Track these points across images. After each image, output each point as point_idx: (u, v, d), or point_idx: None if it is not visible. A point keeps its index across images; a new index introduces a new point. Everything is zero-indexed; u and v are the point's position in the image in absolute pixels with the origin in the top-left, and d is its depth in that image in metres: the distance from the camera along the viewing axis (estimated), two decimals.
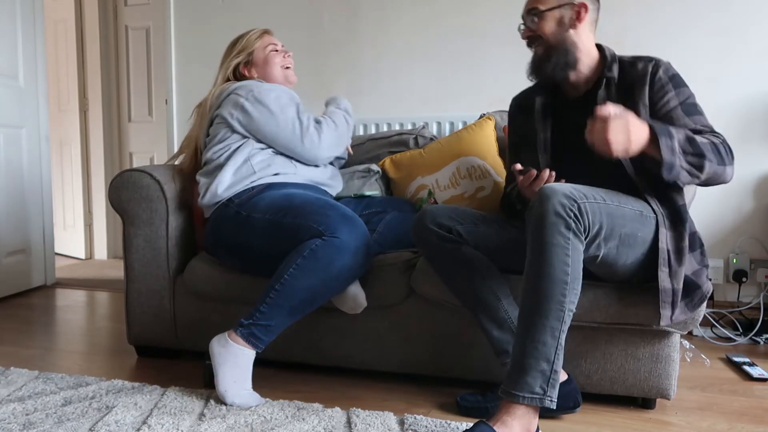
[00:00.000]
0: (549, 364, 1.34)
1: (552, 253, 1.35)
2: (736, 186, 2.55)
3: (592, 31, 1.65)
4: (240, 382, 1.66)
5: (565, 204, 1.35)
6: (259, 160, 1.93)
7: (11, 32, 3.09)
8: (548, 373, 1.34)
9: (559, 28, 1.60)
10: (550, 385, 1.34)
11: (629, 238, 1.47)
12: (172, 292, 2.05)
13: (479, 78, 2.89)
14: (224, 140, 1.96)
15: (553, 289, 1.35)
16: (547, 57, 1.62)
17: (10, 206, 3.08)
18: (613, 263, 1.51)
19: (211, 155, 1.97)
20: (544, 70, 1.63)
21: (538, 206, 1.38)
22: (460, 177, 2.19)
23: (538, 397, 1.33)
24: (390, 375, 1.91)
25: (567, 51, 1.60)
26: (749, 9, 2.54)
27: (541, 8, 1.61)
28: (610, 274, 1.59)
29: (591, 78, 1.65)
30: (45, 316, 2.72)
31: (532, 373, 1.33)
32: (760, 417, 1.67)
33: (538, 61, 1.64)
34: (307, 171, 1.99)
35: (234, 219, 1.85)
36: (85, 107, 4.19)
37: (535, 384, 1.33)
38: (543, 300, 1.35)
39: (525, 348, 1.35)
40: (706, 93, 2.60)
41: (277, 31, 3.23)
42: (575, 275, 1.37)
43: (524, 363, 1.34)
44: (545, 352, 1.34)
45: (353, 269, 1.70)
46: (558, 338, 1.35)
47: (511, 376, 1.36)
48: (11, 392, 1.75)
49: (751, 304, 2.52)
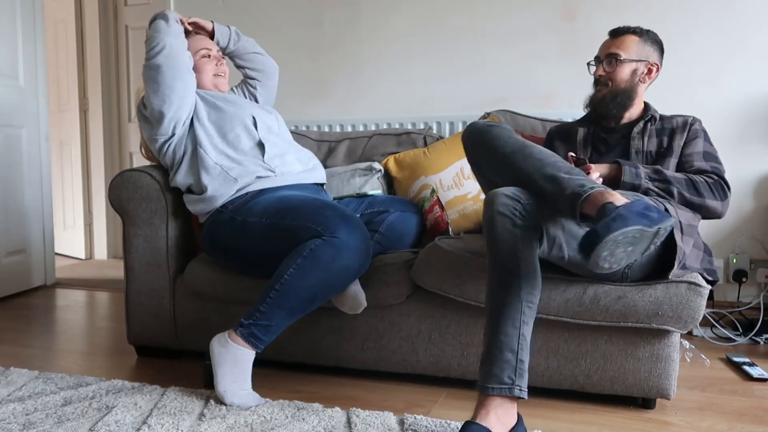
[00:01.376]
0: (513, 354, 1.38)
1: (501, 249, 1.42)
2: (736, 186, 2.55)
3: (647, 87, 1.92)
4: (240, 382, 1.66)
5: (508, 204, 1.44)
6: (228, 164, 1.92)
7: (11, 32, 3.09)
8: (514, 362, 1.38)
9: (631, 78, 1.86)
10: (518, 375, 1.38)
11: None
12: (172, 292, 2.05)
13: (479, 78, 2.89)
14: (180, 164, 1.97)
15: (509, 281, 1.41)
16: (613, 98, 1.87)
17: (10, 206, 3.08)
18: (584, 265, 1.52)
19: (181, 184, 1.98)
20: (605, 108, 1.88)
21: (486, 209, 1.47)
22: (464, 177, 2.19)
23: (507, 387, 1.37)
24: (390, 375, 1.91)
25: (629, 97, 1.87)
26: (750, 10, 2.54)
27: (622, 56, 1.85)
28: (592, 274, 1.61)
29: (631, 118, 1.92)
30: (45, 316, 2.72)
31: (498, 363, 1.37)
32: (760, 417, 1.67)
33: (603, 98, 1.88)
34: (280, 164, 1.96)
35: (229, 224, 1.84)
36: (85, 107, 4.19)
37: (502, 374, 1.37)
38: (501, 294, 1.41)
39: (490, 341, 1.40)
40: (706, 93, 2.60)
41: (277, 30, 3.24)
42: (529, 269, 1.42)
43: (490, 355, 1.39)
44: (508, 343, 1.38)
45: (353, 269, 1.69)
46: (519, 329, 1.39)
47: (481, 369, 1.41)
48: (11, 392, 1.75)
49: (751, 304, 2.52)
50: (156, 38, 1.93)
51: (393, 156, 2.37)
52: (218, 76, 2.09)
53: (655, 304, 1.59)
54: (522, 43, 2.82)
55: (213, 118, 1.98)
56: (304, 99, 3.17)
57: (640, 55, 1.86)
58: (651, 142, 1.85)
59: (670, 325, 1.60)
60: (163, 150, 1.99)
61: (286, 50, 3.17)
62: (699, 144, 1.80)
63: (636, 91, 1.87)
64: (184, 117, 1.95)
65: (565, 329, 1.71)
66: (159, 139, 1.97)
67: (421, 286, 1.81)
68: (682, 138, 1.81)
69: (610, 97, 1.87)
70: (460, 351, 1.81)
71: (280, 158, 1.97)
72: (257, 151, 1.96)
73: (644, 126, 1.87)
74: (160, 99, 1.91)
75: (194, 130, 1.96)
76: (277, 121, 2.11)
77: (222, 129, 1.97)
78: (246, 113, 2.00)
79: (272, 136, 2.01)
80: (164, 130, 1.95)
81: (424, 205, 2.16)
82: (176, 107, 1.93)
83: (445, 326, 1.82)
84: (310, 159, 2.07)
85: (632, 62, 1.86)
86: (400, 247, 2.01)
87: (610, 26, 1.97)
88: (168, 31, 1.95)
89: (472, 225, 2.14)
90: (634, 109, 1.91)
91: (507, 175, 1.54)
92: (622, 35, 1.88)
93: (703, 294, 1.59)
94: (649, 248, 1.33)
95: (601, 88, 1.89)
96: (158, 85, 1.91)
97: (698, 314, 1.59)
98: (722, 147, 2.55)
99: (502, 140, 1.58)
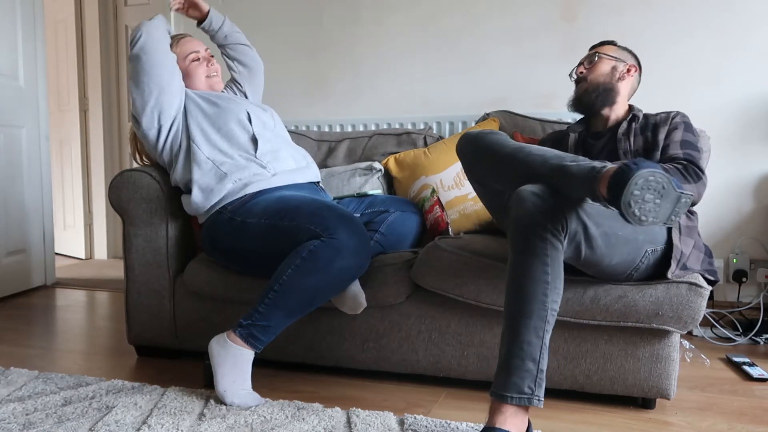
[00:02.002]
0: (535, 364, 1.36)
1: (531, 253, 1.38)
2: (736, 186, 2.55)
3: (630, 92, 1.96)
4: (239, 382, 1.66)
5: (539, 204, 1.39)
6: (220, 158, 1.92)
7: (11, 32, 3.09)
8: (534, 372, 1.35)
9: (611, 72, 1.91)
10: (537, 385, 1.35)
11: (609, 237, 1.49)
12: (172, 292, 2.05)
13: (479, 78, 2.89)
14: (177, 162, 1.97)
15: (535, 289, 1.37)
16: (594, 89, 1.90)
17: (10, 206, 3.08)
18: (598, 263, 1.53)
19: (179, 181, 1.98)
20: (587, 99, 1.91)
21: (515, 209, 1.42)
22: (464, 177, 2.19)
23: (526, 397, 1.35)
24: (390, 375, 1.91)
25: (611, 90, 1.90)
26: (750, 10, 2.54)
27: (602, 53, 1.93)
28: (601, 274, 1.60)
29: (617, 120, 1.93)
30: (45, 316, 2.72)
31: (519, 373, 1.35)
32: (760, 417, 1.67)
33: (584, 92, 1.92)
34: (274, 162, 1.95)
35: (228, 225, 1.84)
36: (85, 107, 4.19)
37: (522, 384, 1.35)
38: (525, 301, 1.37)
39: (511, 349, 1.37)
40: (706, 93, 2.60)
41: (277, 30, 3.24)
42: (556, 275, 1.39)
43: (511, 364, 1.36)
44: (530, 352, 1.35)
45: (352, 270, 1.69)
46: (542, 338, 1.37)
47: (499, 376, 1.37)
48: (11, 392, 1.75)
49: (751, 304, 2.52)
50: (135, 31, 1.99)
51: (393, 156, 2.37)
52: (211, 76, 2.10)
53: (655, 304, 1.59)
54: (522, 43, 2.82)
55: (208, 112, 1.99)
56: (304, 98, 3.17)
57: (618, 56, 1.92)
58: (637, 140, 1.85)
59: (670, 325, 1.60)
60: (158, 147, 1.99)
61: (285, 50, 3.17)
62: (678, 134, 1.81)
63: (616, 89, 1.90)
64: (167, 106, 1.95)
65: (565, 329, 1.71)
66: (148, 134, 1.97)
67: (421, 286, 1.81)
68: (664, 131, 1.83)
69: (591, 89, 1.90)
70: (460, 351, 1.81)
71: (273, 154, 1.97)
72: (251, 145, 1.96)
73: (628, 126, 1.88)
74: (140, 89, 1.93)
75: (188, 126, 1.96)
76: (272, 118, 2.11)
77: (216, 123, 1.97)
78: (241, 109, 2.01)
79: (267, 132, 2.01)
80: (148, 121, 1.95)
81: (424, 205, 2.15)
82: (156, 94, 1.93)
83: (445, 326, 1.82)
84: (304, 157, 2.07)
85: (611, 59, 1.91)
86: (400, 247, 2.01)
87: (610, 26, 1.99)
88: (147, 24, 2.00)
89: (472, 225, 2.14)
90: (619, 110, 1.92)
91: (511, 176, 1.53)
92: (601, 44, 1.97)
93: (703, 295, 1.59)
94: (671, 218, 1.29)
95: (582, 84, 1.93)
96: (137, 74, 1.93)
97: (698, 315, 1.59)
98: (722, 147, 2.55)
99: (499, 144, 1.57)
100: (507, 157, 1.53)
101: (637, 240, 1.55)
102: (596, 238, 1.47)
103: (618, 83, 1.90)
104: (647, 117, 1.89)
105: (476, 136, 1.62)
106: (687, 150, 1.77)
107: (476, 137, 1.62)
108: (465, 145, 1.65)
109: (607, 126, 1.93)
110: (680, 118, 1.85)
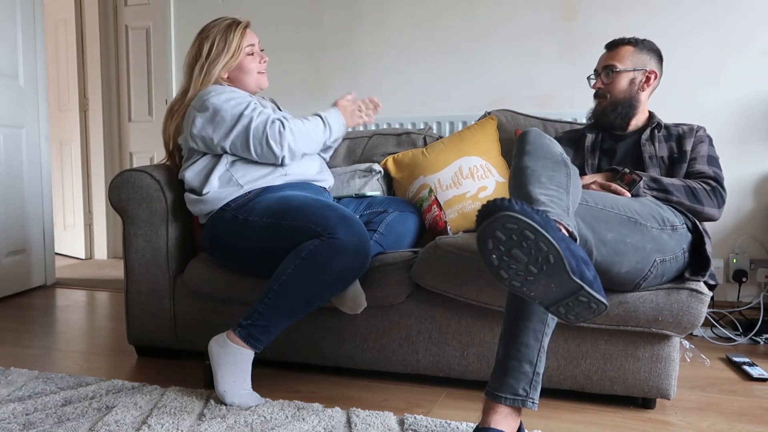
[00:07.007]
0: (531, 366, 1.36)
1: None
2: (736, 186, 2.55)
3: (650, 95, 1.94)
4: (239, 382, 1.66)
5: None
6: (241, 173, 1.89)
7: (11, 32, 3.09)
8: (531, 375, 1.35)
9: (629, 87, 1.89)
10: (533, 387, 1.35)
11: (617, 245, 1.48)
12: (172, 292, 2.05)
13: (479, 78, 2.89)
14: (196, 161, 1.94)
15: None
16: (614, 108, 1.90)
17: (10, 206, 3.08)
18: (606, 271, 1.51)
19: (189, 180, 1.94)
20: (606, 118, 1.92)
21: None
22: (462, 177, 2.19)
23: (521, 399, 1.35)
24: (390, 375, 1.91)
25: (630, 106, 1.90)
26: (750, 10, 2.54)
27: (618, 67, 1.89)
28: (610, 283, 1.57)
29: (638, 125, 1.94)
30: (45, 316, 2.72)
31: (515, 374, 1.35)
32: (760, 417, 1.67)
33: (603, 110, 1.92)
34: (296, 167, 1.95)
35: (231, 223, 1.84)
36: (85, 107, 4.19)
37: (518, 386, 1.35)
38: (526, 303, 1.36)
39: (509, 350, 1.37)
40: (707, 93, 2.60)
41: (277, 30, 3.24)
42: None
43: (507, 365, 1.36)
44: (528, 355, 1.35)
45: (352, 270, 1.69)
46: (541, 341, 1.36)
47: (495, 376, 1.38)
48: (11, 392, 1.75)
49: (751, 304, 2.52)
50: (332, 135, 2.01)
51: (392, 156, 2.37)
52: (261, 73, 2.04)
53: (655, 310, 1.59)
54: (522, 44, 2.82)
55: None
56: (304, 99, 3.17)
57: (636, 64, 1.89)
58: (661, 148, 1.87)
59: (669, 330, 1.60)
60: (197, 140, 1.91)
61: (286, 51, 3.17)
62: (704, 148, 1.84)
63: (637, 99, 1.90)
64: None
65: (565, 329, 1.71)
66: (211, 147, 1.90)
67: (421, 285, 1.81)
68: (690, 142, 1.85)
69: (610, 108, 1.91)
70: (460, 351, 1.81)
71: (299, 164, 1.95)
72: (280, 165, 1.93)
73: (651, 132, 1.89)
74: (246, 152, 1.87)
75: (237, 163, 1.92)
76: None
77: None
78: None
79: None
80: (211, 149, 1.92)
81: (422, 205, 2.15)
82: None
83: (445, 326, 1.82)
84: (323, 169, 2.07)
85: (628, 72, 1.89)
86: (399, 246, 2.01)
87: (610, 26, 1.98)
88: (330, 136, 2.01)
89: (471, 224, 2.14)
90: (640, 117, 1.93)
91: None
92: (617, 47, 1.92)
93: (704, 301, 1.58)
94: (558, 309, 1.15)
95: (601, 101, 1.94)
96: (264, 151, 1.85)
97: (698, 320, 1.59)
98: (722, 147, 2.54)
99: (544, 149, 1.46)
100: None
101: (645, 249, 1.53)
102: (606, 244, 1.46)
103: (638, 93, 1.90)
104: (668, 127, 1.91)
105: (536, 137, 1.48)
106: (714, 167, 1.80)
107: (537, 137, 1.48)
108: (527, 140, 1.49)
109: (627, 130, 1.94)
110: (704, 132, 1.87)
